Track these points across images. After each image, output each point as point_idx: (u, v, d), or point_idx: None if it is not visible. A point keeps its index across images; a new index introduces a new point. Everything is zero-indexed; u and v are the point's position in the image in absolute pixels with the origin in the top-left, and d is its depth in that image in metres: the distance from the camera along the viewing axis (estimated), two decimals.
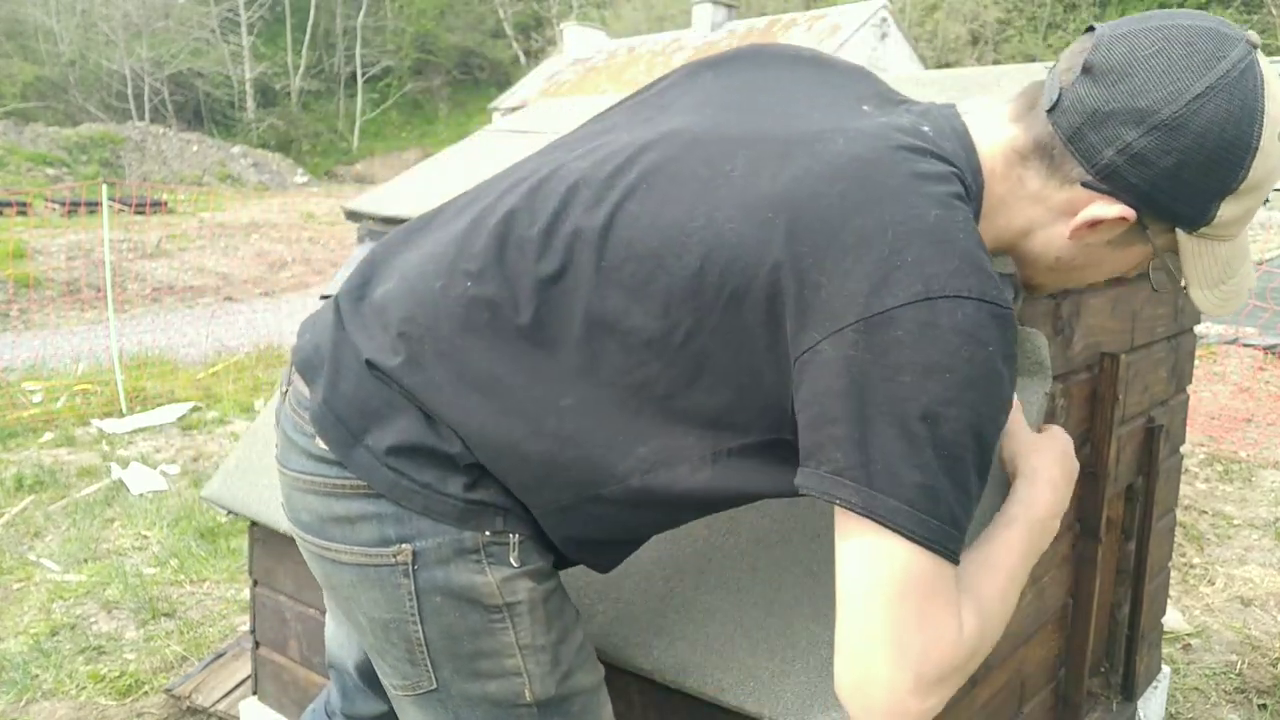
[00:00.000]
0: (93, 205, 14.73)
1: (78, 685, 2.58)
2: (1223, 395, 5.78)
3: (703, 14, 27.06)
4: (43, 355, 7.16)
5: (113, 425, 5.26)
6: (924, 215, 0.83)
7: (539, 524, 1.03)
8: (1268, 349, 6.62)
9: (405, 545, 0.99)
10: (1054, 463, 1.03)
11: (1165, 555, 2.15)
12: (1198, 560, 3.43)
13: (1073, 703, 1.70)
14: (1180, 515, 3.68)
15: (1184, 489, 4.10)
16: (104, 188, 6.32)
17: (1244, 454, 4.69)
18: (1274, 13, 28.32)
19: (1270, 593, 3.16)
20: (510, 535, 1.01)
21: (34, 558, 3.47)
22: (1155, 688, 2.18)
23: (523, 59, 42.26)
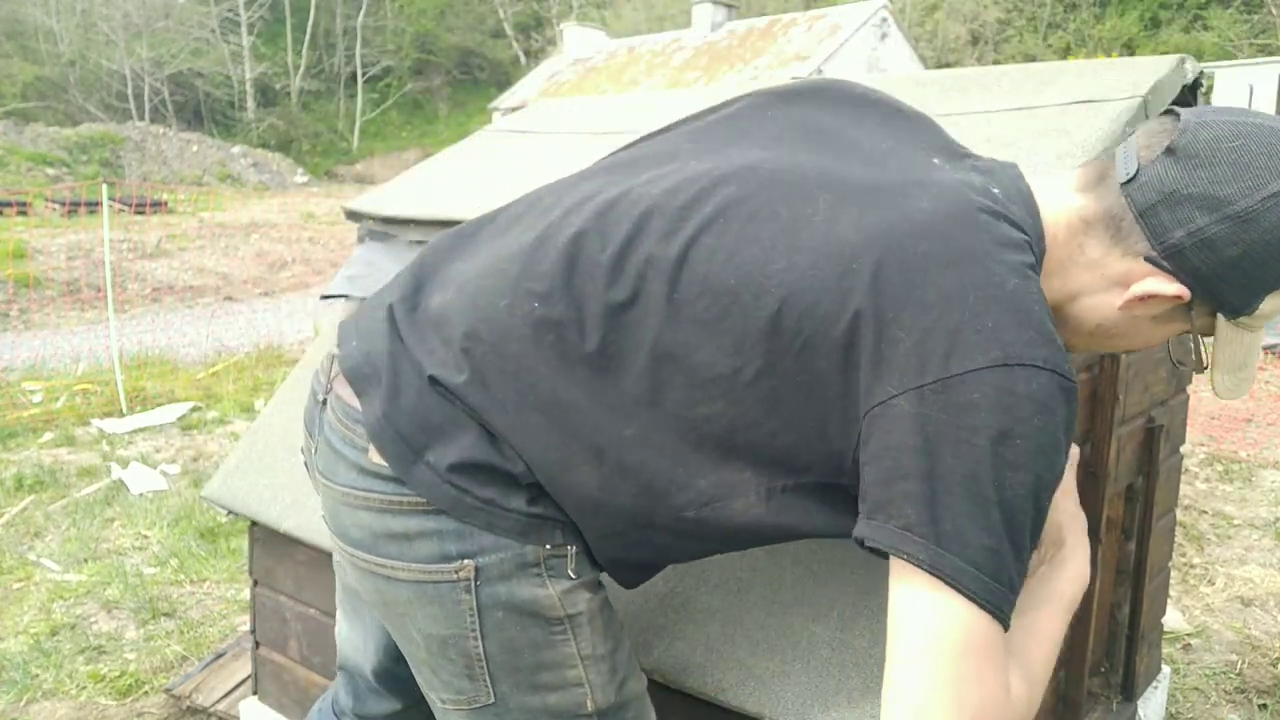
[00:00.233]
0: (93, 205, 14.71)
1: (78, 685, 2.58)
2: None
3: (703, 14, 27.03)
4: (43, 355, 7.16)
5: (113, 425, 5.26)
6: (1004, 283, 0.85)
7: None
8: (1268, 349, 6.62)
9: (468, 561, 0.99)
10: (1087, 534, 1.07)
11: (1165, 555, 2.15)
12: (1198, 560, 3.43)
13: (1073, 702, 1.70)
14: (1180, 515, 3.68)
15: (1184, 489, 4.10)
16: (104, 188, 6.32)
17: (1244, 454, 4.69)
18: (1274, 13, 28.32)
19: (1270, 593, 3.16)
20: (568, 548, 1.02)
21: (34, 558, 3.47)
22: (1155, 688, 2.18)
23: (523, 59, 42.23)
